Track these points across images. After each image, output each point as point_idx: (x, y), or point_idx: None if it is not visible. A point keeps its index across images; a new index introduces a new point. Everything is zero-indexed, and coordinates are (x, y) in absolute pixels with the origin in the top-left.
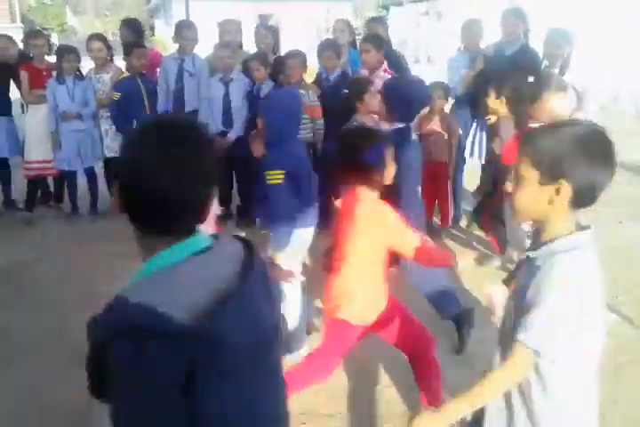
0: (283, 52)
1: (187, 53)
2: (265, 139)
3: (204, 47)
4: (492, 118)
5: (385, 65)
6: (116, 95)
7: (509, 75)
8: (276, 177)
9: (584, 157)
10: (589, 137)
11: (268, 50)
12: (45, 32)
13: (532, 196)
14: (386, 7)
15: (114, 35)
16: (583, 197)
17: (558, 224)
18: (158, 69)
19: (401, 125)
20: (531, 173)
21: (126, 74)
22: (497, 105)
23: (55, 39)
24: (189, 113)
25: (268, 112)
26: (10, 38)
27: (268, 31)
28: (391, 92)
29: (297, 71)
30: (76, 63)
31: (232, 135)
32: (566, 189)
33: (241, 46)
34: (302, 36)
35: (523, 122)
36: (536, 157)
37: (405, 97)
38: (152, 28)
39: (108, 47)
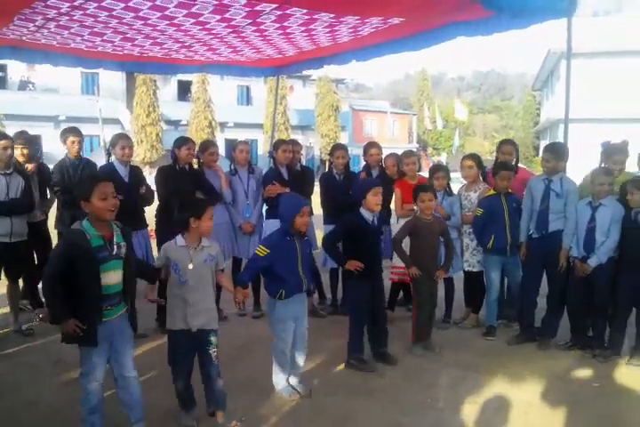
0: None
1: (554, 174)
2: None
3: (582, 169)
4: None
5: None
6: (479, 211)
7: None
8: None
9: None
10: None
11: None
12: (436, 151)
13: None
14: None
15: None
16: None
17: None
18: None
19: None
20: None
21: (492, 192)
22: None
23: (444, 158)
24: (553, 233)
25: None
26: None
27: None
28: None
29: None
30: (444, 180)
31: (592, 262)
32: None
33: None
34: None
35: None
36: None
37: None
38: (536, 149)
39: (480, 166)
